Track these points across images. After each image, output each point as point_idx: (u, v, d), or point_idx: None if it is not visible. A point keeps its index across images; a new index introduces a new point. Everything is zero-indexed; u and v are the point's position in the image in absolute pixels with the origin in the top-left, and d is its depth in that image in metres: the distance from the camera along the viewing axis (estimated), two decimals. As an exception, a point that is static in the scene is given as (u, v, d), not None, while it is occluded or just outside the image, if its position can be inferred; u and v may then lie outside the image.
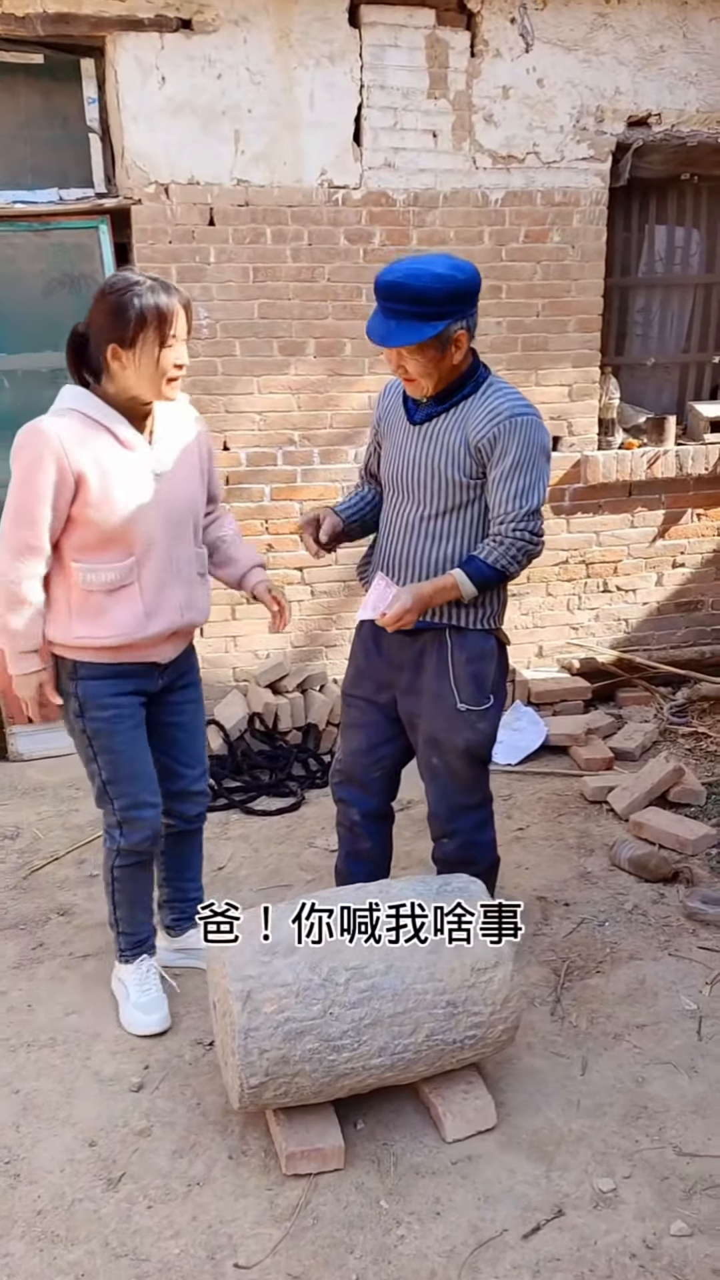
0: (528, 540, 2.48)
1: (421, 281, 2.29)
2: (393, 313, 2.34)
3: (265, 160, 4.17)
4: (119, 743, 2.54)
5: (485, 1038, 2.27)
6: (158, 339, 2.31)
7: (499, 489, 2.47)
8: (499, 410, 2.44)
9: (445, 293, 2.31)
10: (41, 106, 4.18)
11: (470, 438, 2.46)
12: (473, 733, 2.64)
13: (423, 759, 2.75)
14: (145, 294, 2.30)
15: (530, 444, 2.44)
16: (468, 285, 2.35)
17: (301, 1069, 2.14)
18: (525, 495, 2.45)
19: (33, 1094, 2.47)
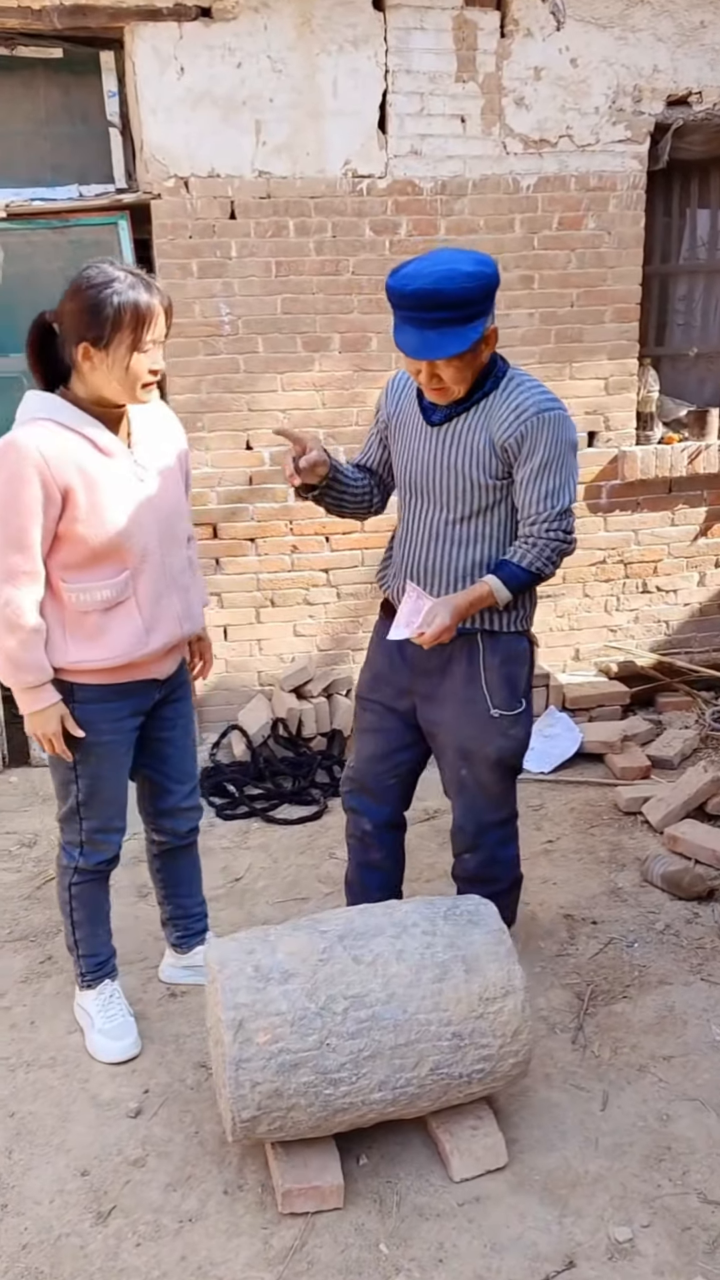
0: (561, 540, 2.38)
1: (457, 284, 2.14)
2: (429, 322, 2.18)
3: (287, 151, 4.05)
4: (107, 769, 2.44)
5: (495, 1072, 2.13)
6: (133, 341, 2.17)
7: (529, 489, 2.36)
8: (524, 407, 2.31)
9: (482, 291, 2.18)
10: (61, 102, 4.11)
11: (495, 437, 2.34)
12: (505, 740, 2.53)
13: (449, 772, 2.62)
14: (124, 291, 2.15)
15: (559, 441, 2.33)
16: (496, 278, 2.22)
17: (296, 1103, 2.02)
18: (557, 494, 2.35)
19: (28, 1118, 2.39)
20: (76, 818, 2.49)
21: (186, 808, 2.67)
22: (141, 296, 2.16)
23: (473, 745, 2.53)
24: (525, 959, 2.88)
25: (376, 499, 2.67)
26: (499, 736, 2.53)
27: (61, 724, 2.33)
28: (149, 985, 2.85)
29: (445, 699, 2.55)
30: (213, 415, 4.22)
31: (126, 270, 2.20)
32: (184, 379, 4.18)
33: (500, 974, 2.14)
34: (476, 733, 2.52)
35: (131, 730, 2.46)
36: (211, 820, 3.87)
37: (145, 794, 2.67)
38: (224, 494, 4.30)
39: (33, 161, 4.12)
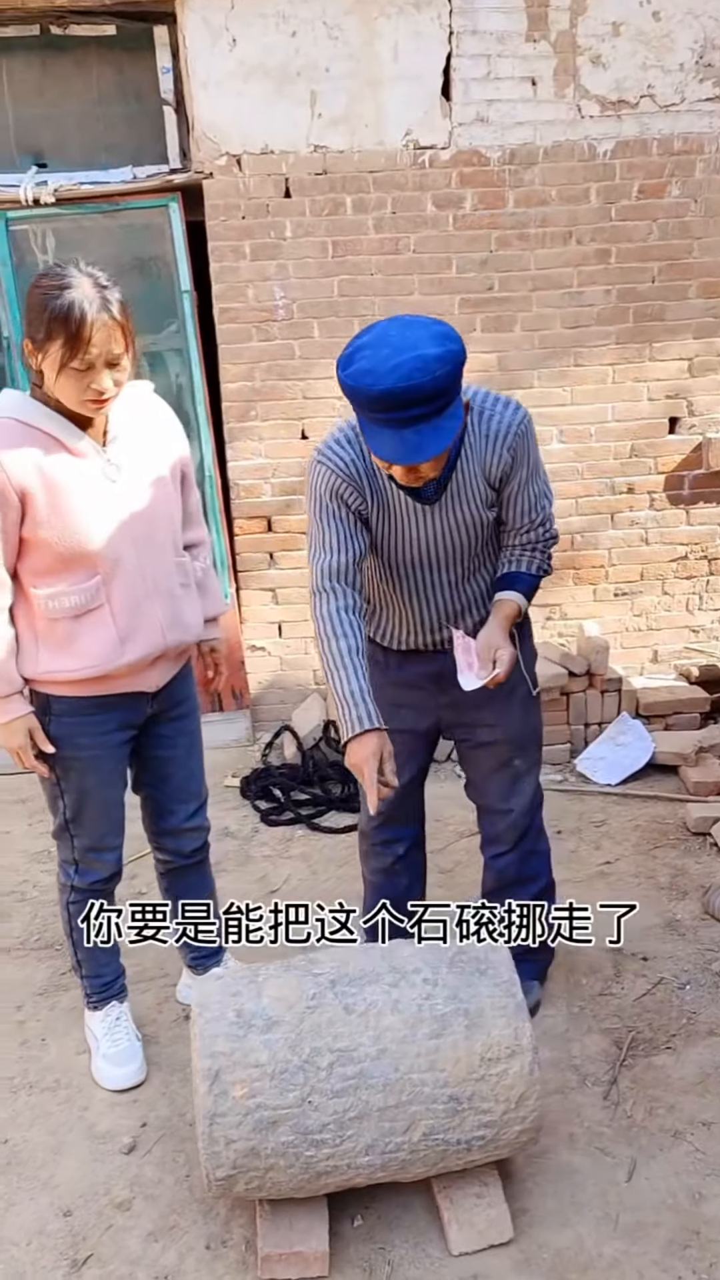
0: (554, 538, 2.36)
1: (431, 374, 1.85)
2: (403, 422, 1.90)
3: (344, 123, 3.85)
4: (91, 784, 2.31)
5: (498, 1139, 1.93)
6: (64, 356, 1.99)
7: (519, 501, 2.26)
8: (501, 431, 2.15)
9: (456, 372, 1.90)
10: (115, 81, 4.00)
11: (490, 474, 2.19)
12: (539, 713, 2.57)
13: (499, 769, 2.50)
14: (67, 294, 1.96)
15: (534, 446, 2.24)
16: (463, 352, 1.93)
17: (275, 1163, 1.86)
18: (542, 496, 2.30)
19: (21, 1146, 2.29)
20: (67, 834, 2.38)
21: (189, 828, 2.53)
22: (78, 311, 1.96)
23: (521, 729, 2.48)
24: (563, 996, 2.66)
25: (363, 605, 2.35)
26: (536, 711, 2.54)
27: (32, 738, 2.22)
28: (165, 1005, 2.74)
29: (486, 698, 2.37)
30: (266, 404, 4.06)
31: (88, 277, 2.01)
32: (236, 366, 4.03)
33: (506, 1032, 1.93)
34: (522, 716, 2.48)
35: (119, 745, 2.33)
36: (255, 826, 3.74)
37: (146, 812, 2.54)
38: (278, 485, 4.14)
39: (86, 144, 4.02)
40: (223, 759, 4.21)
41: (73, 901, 2.46)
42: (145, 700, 2.34)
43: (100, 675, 2.20)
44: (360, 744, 2.03)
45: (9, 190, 3.88)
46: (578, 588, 4.36)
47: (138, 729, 2.37)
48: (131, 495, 2.20)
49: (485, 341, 4.08)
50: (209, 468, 4.14)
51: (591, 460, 4.23)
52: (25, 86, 3.96)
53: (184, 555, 2.39)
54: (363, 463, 2.15)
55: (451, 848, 3.48)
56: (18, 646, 2.22)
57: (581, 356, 4.12)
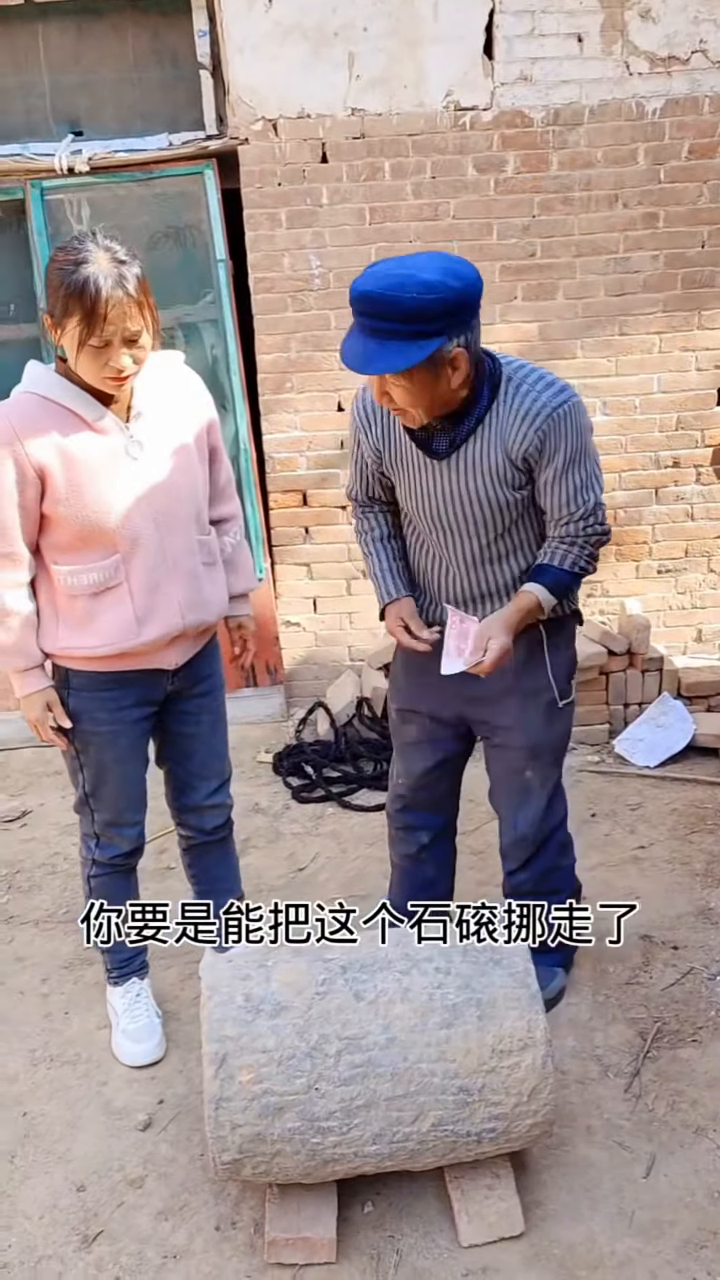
0: (598, 534, 2.19)
1: (407, 293, 1.83)
2: (373, 331, 1.88)
3: (383, 84, 3.74)
4: (109, 759, 2.30)
5: (510, 1132, 1.89)
6: (81, 333, 1.95)
7: (556, 490, 2.12)
8: (534, 411, 2.05)
9: (439, 306, 1.85)
10: (150, 46, 3.93)
11: (512, 452, 2.09)
12: (565, 726, 2.42)
13: (508, 776, 2.41)
14: (83, 270, 1.92)
15: (578, 433, 2.10)
16: (465, 296, 1.88)
17: (281, 1149, 1.84)
18: (586, 488, 2.13)
19: (39, 1119, 2.31)
20: (87, 808, 2.38)
21: (211, 805, 2.51)
22: (93, 287, 1.91)
23: (540, 739, 2.35)
24: (589, 984, 2.60)
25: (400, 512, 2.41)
26: (560, 724, 2.38)
27: (49, 710, 2.21)
28: (187, 982, 2.73)
29: (503, 696, 2.31)
30: (302, 375, 4.00)
31: (105, 251, 1.96)
32: (271, 337, 3.97)
33: (519, 1024, 1.88)
34: (543, 725, 2.34)
35: (138, 720, 2.31)
36: (286, 803, 3.73)
37: (169, 789, 2.53)
38: (313, 459, 4.08)
39: (122, 110, 3.96)
40: (256, 735, 4.20)
41: (94, 875, 2.46)
42: (165, 677, 2.32)
43: (117, 653, 2.18)
44: (388, 614, 2.33)
45: (44, 159, 3.84)
46: (620, 564, 4.25)
47: (158, 705, 2.36)
48: (154, 472, 2.16)
49: (526, 310, 3.97)
50: (244, 440, 4.09)
51: (636, 433, 4.11)
52: (61, 53, 3.91)
53: (209, 532, 2.35)
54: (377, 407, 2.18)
55: (485, 829, 3.42)
56: (39, 621, 2.21)
57: (627, 325, 3.99)
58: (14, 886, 3.29)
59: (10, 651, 2.19)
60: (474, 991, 1.91)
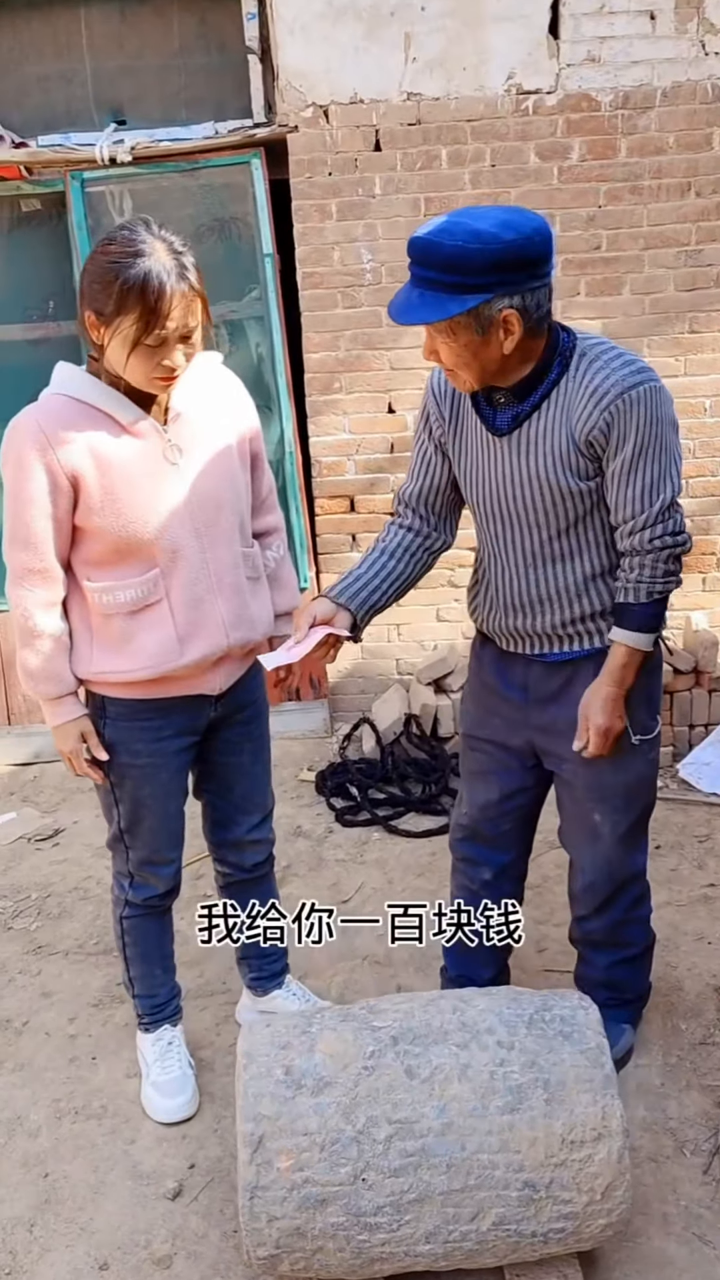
0: (672, 545, 1.91)
1: (455, 241, 1.68)
2: (417, 280, 1.76)
3: (441, 67, 3.54)
4: (147, 794, 2.11)
5: (580, 1232, 1.68)
6: (139, 331, 1.78)
7: (622, 486, 1.87)
8: (604, 389, 1.82)
9: (483, 258, 1.68)
10: (196, 30, 3.76)
11: (577, 432, 1.87)
12: (645, 766, 2.14)
13: (577, 818, 2.20)
14: (142, 263, 1.75)
15: (654, 420, 1.84)
16: (518, 249, 1.70)
17: (324, 1245, 1.65)
18: (656, 487, 1.87)
19: (61, 1181, 2.14)
20: (122, 845, 2.20)
21: (252, 840, 2.33)
22: (156, 281, 1.75)
23: (610, 780, 2.11)
24: (659, 1043, 2.38)
25: (438, 540, 2.18)
26: (640, 764, 2.12)
27: (84, 742, 2.03)
28: (223, 1025, 2.55)
29: (570, 729, 2.09)
30: (351, 375, 3.80)
31: (162, 241, 1.79)
32: (320, 335, 3.78)
33: (593, 1110, 1.67)
34: (613, 766, 2.09)
35: (179, 752, 2.12)
36: (330, 826, 3.53)
37: (207, 822, 2.34)
38: (362, 463, 3.89)
39: (167, 98, 3.81)
40: (299, 751, 4.01)
41: (126, 916, 2.29)
42: (208, 704, 2.13)
43: (158, 677, 2.00)
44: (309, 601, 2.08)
45: (85, 149, 3.68)
46: (686, 576, 3.97)
47: (199, 735, 2.17)
48: (194, 479, 1.98)
49: (590, 306, 3.74)
50: (289, 444, 3.91)
51: (705, 437, 3.86)
52: (104, 39, 3.75)
53: (253, 545, 2.16)
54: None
55: (541, 860, 3.19)
56: (71, 644, 2.04)
57: (698, 322, 3.75)
58: (44, 912, 3.14)
59: (41, 677, 2.01)
60: (541, 1071, 1.70)
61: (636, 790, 2.15)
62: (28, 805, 3.84)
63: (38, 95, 3.78)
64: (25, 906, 3.17)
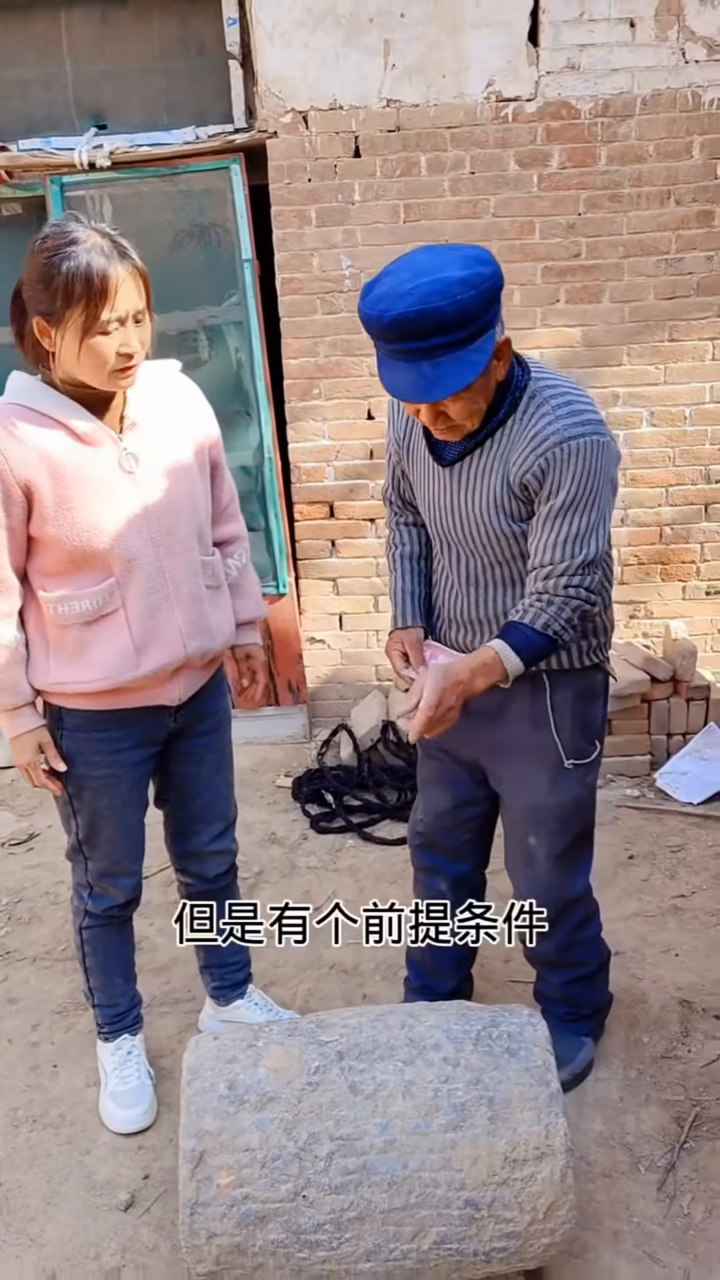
0: (584, 599, 1.87)
1: (452, 298, 1.62)
2: (421, 353, 1.68)
3: (420, 74, 3.53)
4: (106, 805, 2.10)
5: (523, 1252, 1.67)
6: (86, 320, 1.77)
7: (547, 532, 1.85)
8: (544, 435, 1.80)
9: (484, 299, 1.66)
10: (178, 35, 3.75)
11: (513, 475, 1.85)
12: (581, 789, 2.12)
13: (514, 839, 2.20)
14: (79, 254, 1.75)
15: (590, 474, 1.80)
16: (497, 276, 1.70)
17: (264, 1263, 1.64)
18: (580, 541, 1.83)
19: (14, 1191, 2.13)
20: (81, 856, 2.20)
21: (214, 851, 2.32)
22: (97, 263, 1.75)
23: (543, 802, 2.10)
24: (620, 1057, 2.37)
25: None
26: (576, 786, 2.11)
27: (42, 753, 2.03)
28: (186, 1034, 2.54)
29: (508, 749, 2.10)
30: (330, 381, 3.80)
31: (94, 229, 1.80)
32: (299, 340, 3.77)
33: (536, 1129, 1.66)
34: (547, 787, 2.09)
35: (138, 764, 2.12)
36: (304, 833, 3.53)
37: (168, 832, 2.34)
38: (341, 469, 3.88)
39: (147, 103, 3.79)
40: (276, 756, 4.00)
41: (86, 926, 2.28)
42: (167, 715, 2.13)
43: (115, 688, 1.99)
44: (391, 638, 2.15)
45: (65, 154, 3.68)
46: (665, 584, 4.00)
47: (160, 745, 2.17)
48: (150, 488, 1.97)
49: (570, 314, 3.73)
50: (269, 449, 3.90)
51: (685, 445, 3.85)
52: (85, 43, 3.74)
53: (213, 553, 2.16)
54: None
55: (511, 869, 3.20)
56: (28, 654, 2.03)
57: (678, 330, 3.74)
58: (14, 918, 3.13)
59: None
60: (485, 1089, 1.69)
61: (571, 813, 2.12)
62: (3, 809, 3.84)
63: (17, 99, 3.77)
64: (-5, 912, 3.17)
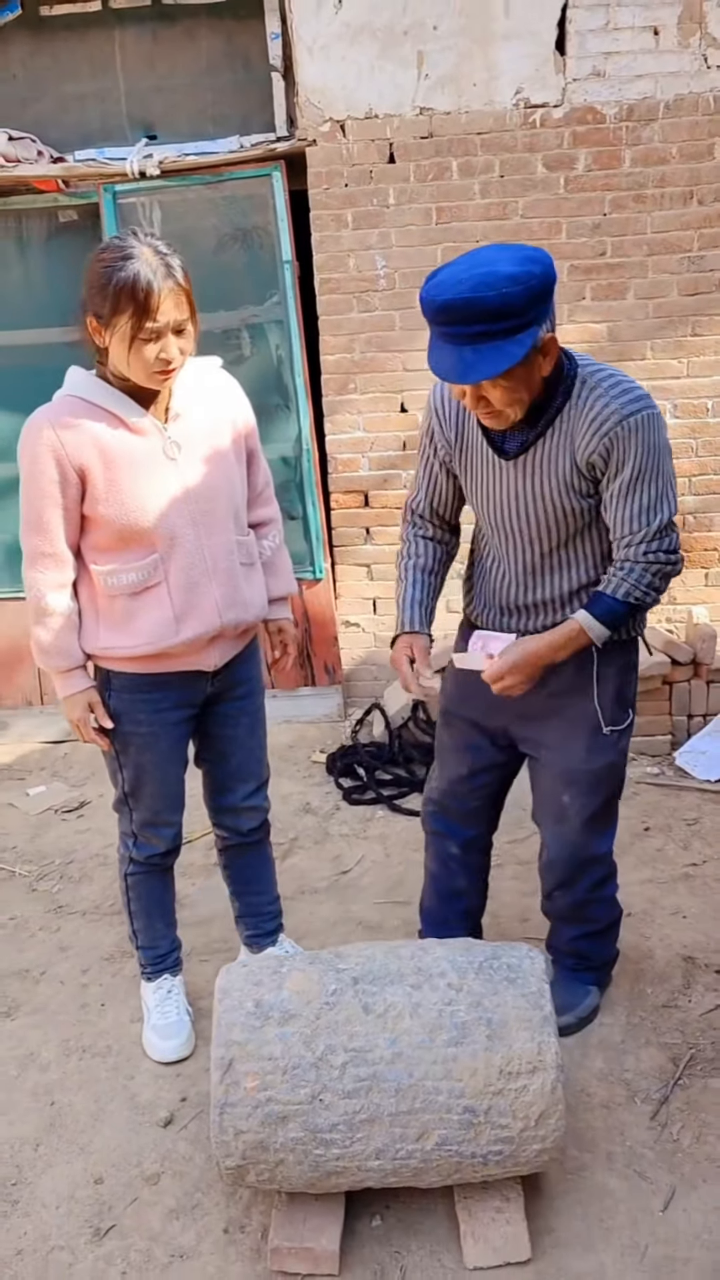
0: (664, 562, 2.04)
1: (498, 290, 1.78)
2: (465, 338, 1.83)
3: (452, 83, 3.71)
4: (149, 761, 2.32)
5: (517, 1156, 1.85)
6: (133, 326, 1.98)
7: (621, 506, 2.02)
8: (605, 416, 1.96)
9: (528, 296, 1.80)
10: (223, 50, 3.97)
11: (579, 457, 2.01)
12: (616, 755, 2.29)
13: (549, 797, 2.36)
14: (131, 268, 1.95)
15: (651, 447, 1.97)
16: (547, 279, 1.83)
17: (284, 1158, 1.84)
18: (654, 508, 2.01)
19: (66, 1109, 2.36)
20: (126, 807, 2.42)
21: (248, 807, 2.53)
22: (145, 278, 1.95)
23: (580, 766, 2.27)
24: (624, 1005, 2.54)
25: (455, 543, 2.42)
26: (611, 751, 2.27)
27: (91, 711, 2.24)
28: (222, 980, 2.75)
29: (548, 716, 2.26)
30: (365, 376, 3.99)
31: (149, 246, 2.00)
32: (336, 337, 3.97)
33: (529, 1046, 1.84)
34: (585, 753, 2.26)
35: (177, 723, 2.33)
36: (337, 804, 3.73)
37: (206, 789, 2.55)
38: (375, 460, 4.07)
39: (194, 114, 4.02)
40: (312, 734, 4.21)
41: (130, 873, 2.50)
42: (204, 679, 2.34)
43: (156, 653, 2.21)
44: (399, 643, 2.30)
45: (117, 163, 3.91)
46: (688, 571, 4.14)
47: (197, 708, 2.38)
48: (191, 473, 2.18)
49: (596, 310, 3.89)
50: (306, 441, 4.10)
51: (708, 436, 3.99)
52: (137, 59, 3.97)
53: (248, 534, 2.36)
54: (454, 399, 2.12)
55: (534, 839, 3.37)
56: (80, 622, 2.25)
57: (700, 325, 3.88)
58: (65, 876, 3.37)
59: (52, 652, 2.23)
60: (485, 1010, 1.88)
61: (605, 777, 2.29)
62: (57, 780, 4.09)
63: (74, 112, 4.02)
64: (49, 870, 3.41)
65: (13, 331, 4.16)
